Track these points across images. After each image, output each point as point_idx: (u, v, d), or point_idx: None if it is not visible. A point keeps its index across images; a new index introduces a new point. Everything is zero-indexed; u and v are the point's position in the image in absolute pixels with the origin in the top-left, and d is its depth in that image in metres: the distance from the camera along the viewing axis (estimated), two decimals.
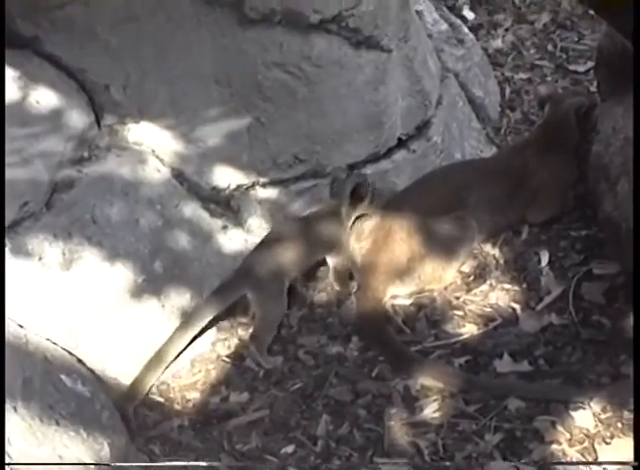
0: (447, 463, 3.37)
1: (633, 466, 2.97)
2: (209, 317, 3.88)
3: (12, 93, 3.70)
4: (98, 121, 4.00)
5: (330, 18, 3.92)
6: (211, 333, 4.00)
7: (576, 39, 5.65)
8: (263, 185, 4.23)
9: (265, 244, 4.08)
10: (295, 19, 3.88)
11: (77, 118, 3.91)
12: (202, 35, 3.86)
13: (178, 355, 3.84)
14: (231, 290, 3.94)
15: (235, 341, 3.99)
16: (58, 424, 3.19)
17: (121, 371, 3.74)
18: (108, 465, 3.16)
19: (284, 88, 3.99)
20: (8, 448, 2.93)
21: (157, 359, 3.77)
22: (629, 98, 3.84)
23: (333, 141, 4.17)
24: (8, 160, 3.53)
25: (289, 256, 4.02)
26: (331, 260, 4.16)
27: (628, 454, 3.22)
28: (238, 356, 3.93)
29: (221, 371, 3.88)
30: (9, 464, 2.80)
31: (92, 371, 3.63)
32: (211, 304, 3.91)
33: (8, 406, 3.07)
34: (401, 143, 4.42)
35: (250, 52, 3.91)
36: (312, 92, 4.02)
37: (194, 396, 3.80)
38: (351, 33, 3.99)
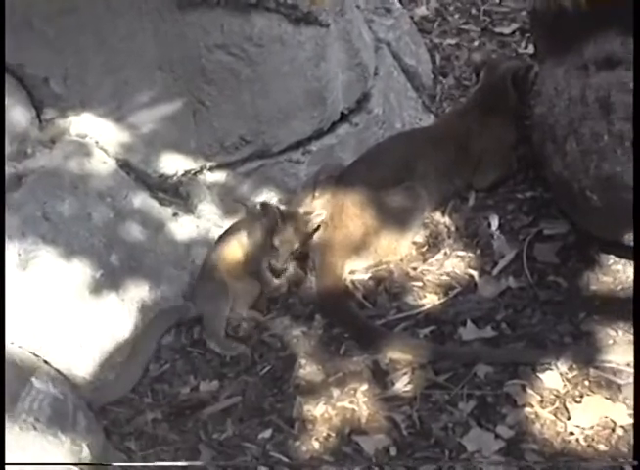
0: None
1: (633, 466, 3.01)
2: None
3: None
4: (39, 116, 3.91)
5: None
6: None
7: (498, 1, 5.67)
8: (211, 169, 4.19)
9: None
10: None
11: (18, 115, 3.84)
12: (142, 22, 3.80)
13: None
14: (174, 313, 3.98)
15: (197, 329, 3.92)
16: (36, 429, 3.14)
17: (87, 368, 3.68)
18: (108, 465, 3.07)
19: (227, 70, 3.95)
20: None
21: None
22: (569, 58, 3.89)
23: (278, 120, 4.15)
24: None
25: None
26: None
27: (599, 412, 3.29)
28: (202, 344, 3.88)
29: (188, 361, 3.84)
30: (9, 464, 2.73)
31: (59, 371, 3.56)
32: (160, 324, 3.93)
33: None
34: (344, 117, 4.41)
35: (191, 36, 3.85)
36: (255, 72, 3.98)
37: (163, 387, 3.76)
38: (290, 10, 3.96)
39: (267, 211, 4.00)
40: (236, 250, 4.07)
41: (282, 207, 4.10)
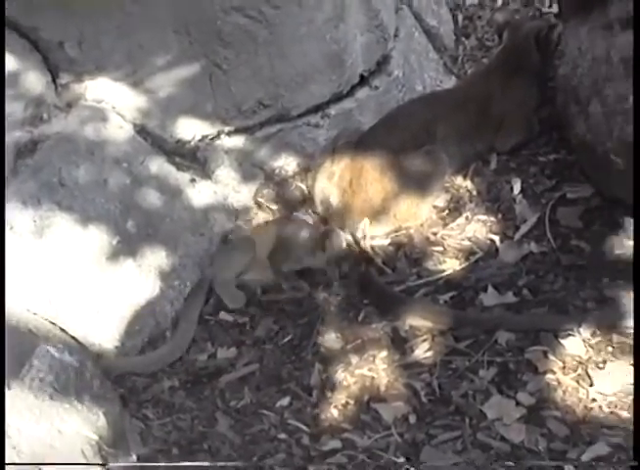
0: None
1: (633, 466, 2.96)
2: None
3: None
4: (54, 81, 3.87)
5: None
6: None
7: None
8: (228, 134, 4.14)
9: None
10: None
11: (33, 79, 3.81)
12: None
13: None
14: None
15: (216, 296, 3.90)
16: (52, 398, 3.11)
17: (103, 336, 3.66)
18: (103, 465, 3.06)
19: (244, 33, 3.89)
20: (7, 429, 2.85)
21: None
22: (593, 17, 3.82)
23: (296, 83, 4.09)
24: None
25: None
26: None
27: (622, 379, 3.25)
28: (219, 312, 3.85)
29: (205, 328, 3.81)
30: (9, 464, 2.72)
31: (75, 339, 3.55)
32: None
33: None
34: (363, 80, 4.34)
35: None
36: (273, 34, 3.93)
37: None
38: None
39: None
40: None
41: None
